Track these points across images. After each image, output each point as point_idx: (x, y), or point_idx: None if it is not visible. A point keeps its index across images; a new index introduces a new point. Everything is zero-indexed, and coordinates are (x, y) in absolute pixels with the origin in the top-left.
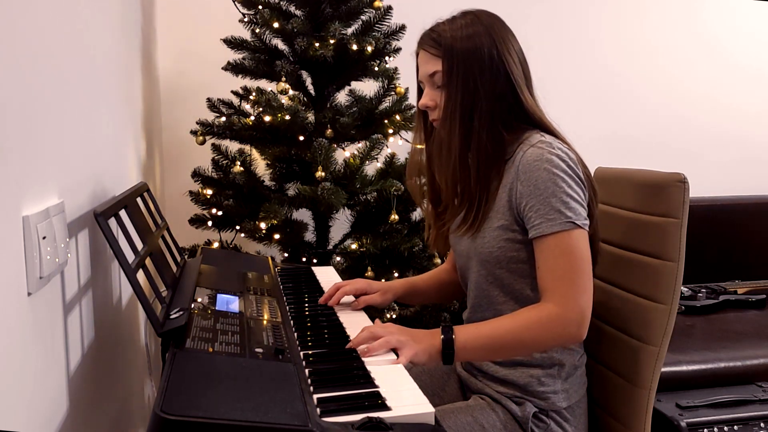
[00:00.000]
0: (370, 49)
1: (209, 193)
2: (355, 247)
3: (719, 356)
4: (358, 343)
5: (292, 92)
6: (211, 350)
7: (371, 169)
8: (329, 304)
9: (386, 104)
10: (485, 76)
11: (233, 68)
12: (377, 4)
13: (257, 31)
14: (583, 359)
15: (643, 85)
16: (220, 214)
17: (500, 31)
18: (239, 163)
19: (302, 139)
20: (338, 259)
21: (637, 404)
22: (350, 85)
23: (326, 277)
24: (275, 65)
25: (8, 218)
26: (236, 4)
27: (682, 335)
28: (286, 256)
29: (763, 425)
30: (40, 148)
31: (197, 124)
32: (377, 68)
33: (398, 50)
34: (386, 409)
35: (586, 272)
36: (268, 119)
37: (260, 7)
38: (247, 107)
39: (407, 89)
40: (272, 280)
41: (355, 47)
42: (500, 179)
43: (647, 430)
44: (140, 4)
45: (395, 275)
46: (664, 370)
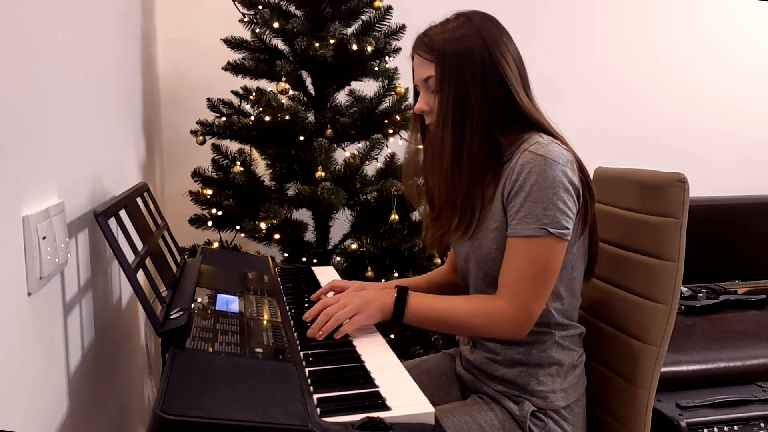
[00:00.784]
0: (370, 49)
1: (209, 193)
2: (355, 247)
3: (719, 356)
4: (315, 328)
5: (292, 92)
6: (211, 350)
7: (371, 169)
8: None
9: (386, 104)
10: (477, 79)
11: (233, 68)
12: (377, 4)
13: (257, 31)
14: (582, 359)
15: (643, 85)
16: (220, 214)
17: (493, 32)
18: (239, 163)
19: (302, 139)
20: (338, 259)
21: (637, 404)
22: (350, 85)
23: (326, 277)
24: (275, 65)
25: (8, 218)
26: (236, 4)
27: (682, 335)
28: (286, 256)
29: (763, 425)
30: (40, 148)
31: (197, 124)
32: (377, 68)
33: (398, 50)
34: (386, 409)
35: (545, 281)
36: (268, 119)
37: (260, 7)
38: (247, 107)
39: (407, 89)
40: (272, 280)
41: (355, 47)
42: (497, 183)
43: (647, 430)
44: (140, 3)
45: (395, 275)
46: (664, 370)
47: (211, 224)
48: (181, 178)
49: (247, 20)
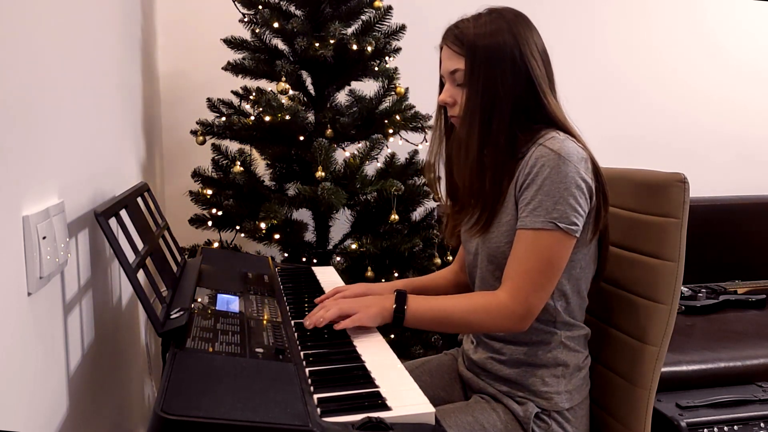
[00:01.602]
0: (370, 49)
1: (209, 193)
2: (355, 247)
3: (719, 356)
4: (312, 321)
5: (292, 92)
6: (211, 350)
7: (371, 169)
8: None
9: (386, 104)
10: (506, 77)
11: (233, 68)
12: (377, 4)
13: (257, 31)
14: (587, 361)
15: (643, 85)
16: (220, 214)
17: (524, 30)
18: (239, 163)
19: (302, 139)
20: (338, 259)
21: (637, 404)
22: (350, 85)
23: (326, 277)
24: (275, 65)
25: (8, 218)
26: (236, 4)
27: (682, 335)
28: (286, 256)
29: (763, 425)
30: (40, 148)
31: (197, 124)
32: (377, 68)
33: (398, 50)
34: (386, 409)
35: (548, 276)
36: (268, 119)
37: (260, 7)
38: (247, 107)
39: (407, 89)
40: (272, 280)
41: (355, 47)
42: (511, 177)
43: (647, 430)
44: (140, 4)
45: (395, 275)
46: (664, 370)
47: (211, 224)
48: (181, 178)
49: (247, 20)
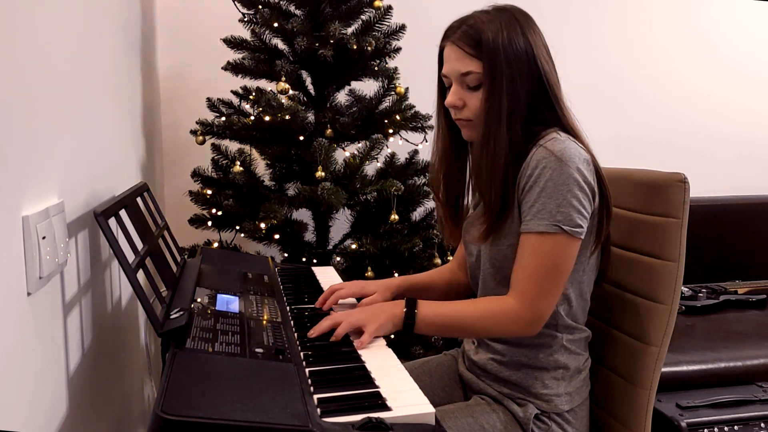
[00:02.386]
0: (370, 49)
1: (209, 193)
2: (355, 247)
3: (719, 356)
4: (319, 331)
5: (292, 92)
6: (211, 350)
7: (371, 169)
8: (324, 308)
9: (386, 104)
10: (524, 80)
11: (233, 68)
12: (377, 4)
13: (257, 30)
14: (587, 363)
15: (643, 85)
16: (220, 214)
17: (534, 31)
18: (239, 163)
19: (302, 139)
20: (338, 259)
21: (637, 404)
22: (350, 85)
23: (326, 277)
24: (275, 65)
25: (8, 218)
26: (236, 4)
27: (682, 335)
28: (286, 256)
29: (763, 425)
30: (40, 148)
31: (197, 124)
32: (377, 68)
33: (398, 50)
34: (387, 409)
35: (555, 279)
36: (267, 119)
37: (260, 6)
38: (247, 107)
39: (407, 89)
40: (272, 280)
41: (355, 47)
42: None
43: (647, 430)
44: (140, 4)
45: (395, 276)
46: (664, 370)
47: (211, 224)
48: (181, 178)
49: (247, 20)
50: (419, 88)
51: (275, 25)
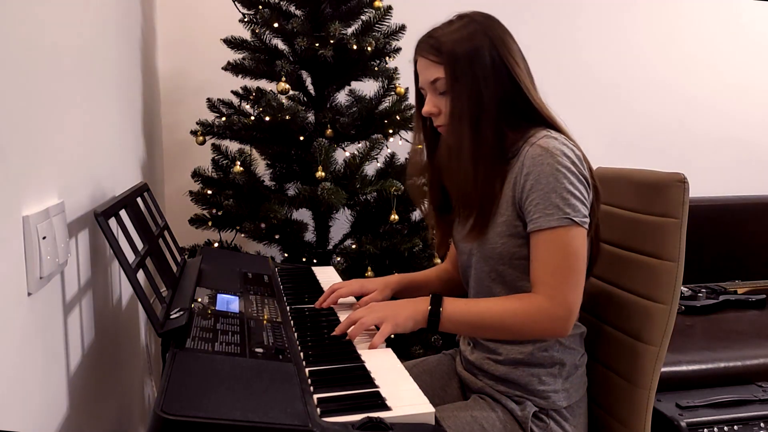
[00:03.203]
0: (370, 49)
1: (209, 192)
2: (355, 247)
3: (719, 356)
4: (340, 331)
5: (292, 92)
6: (211, 350)
7: (371, 169)
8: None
9: (386, 104)
10: (488, 78)
11: (233, 68)
12: (377, 4)
13: (257, 31)
14: (583, 359)
15: (643, 85)
16: (220, 214)
17: (498, 31)
18: (239, 163)
19: (302, 139)
20: (338, 259)
21: (637, 404)
22: (350, 85)
23: (326, 277)
24: (275, 65)
25: (8, 218)
26: (236, 4)
27: (682, 335)
28: (286, 256)
29: (763, 425)
30: (40, 148)
31: (197, 124)
32: (377, 68)
33: (398, 50)
34: (386, 409)
35: (578, 270)
36: (268, 119)
37: (260, 7)
38: (247, 107)
39: (407, 89)
40: (272, 280)
41: (355, 47)
42: (503, 177)
43: (647, 430)
44: (140, 4)
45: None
46: (664, 370)
47: (211, 224)
48: (181, 178)
49: (247, 20)
50: None
51: (275, 25)
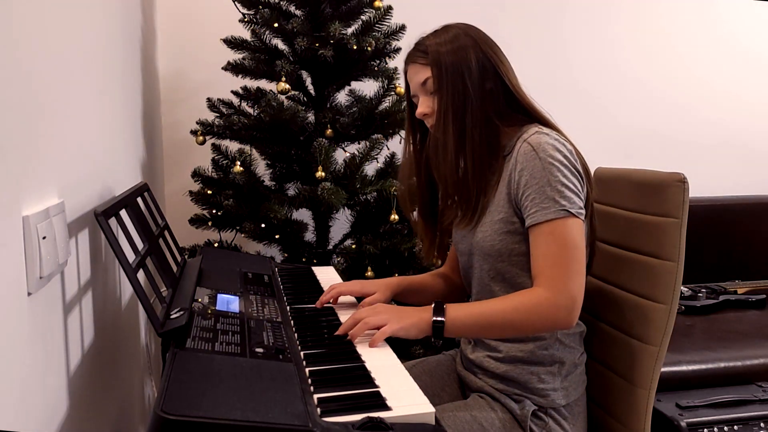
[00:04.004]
0: (370, 49)
1: (209, 192)
2: (355, 247)
3: (719, 356)
4: (344, 330)
5: (292, 92)
6: (211, 350)
7: (371, 169)
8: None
9: (386, 104)
10: (473, 74)
11: (233, 68)
12: (377, 4)
13: (257, 31)
14: (583, 357)
15: (643, 85)
16: (220, 214)
17: (481, 34)
18: (239, 163)
19: (302, 139)
20: (338, 259)
21: (636, 404)
22: (350, 85)
23: (326, 277)
24: (275, 65)
25: (8, 218)
26: (236, 4)
27: (682, 335)
28: (286, 256)
29: (763, 425)
30: (40, 148)
31: (197, 124)
32: (377, 68)
33: (398, 50)
34: (386, 409)
35: (578, 259)
36: (268, 119)
37: (260, 7)
38: (247, 107)
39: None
40: (272, 280)
41: (355, 47)
42: (499, 174)
43: (647, 430)
44: (140, 4)
45: (395, 275)
46: (664, 370)
47: (211, 224)
48: (181, 178)
49: (247, 20)
50: None
51: (275, 25)
